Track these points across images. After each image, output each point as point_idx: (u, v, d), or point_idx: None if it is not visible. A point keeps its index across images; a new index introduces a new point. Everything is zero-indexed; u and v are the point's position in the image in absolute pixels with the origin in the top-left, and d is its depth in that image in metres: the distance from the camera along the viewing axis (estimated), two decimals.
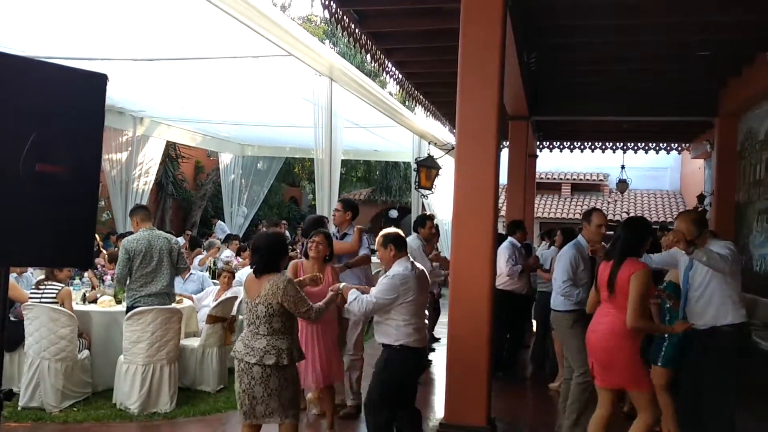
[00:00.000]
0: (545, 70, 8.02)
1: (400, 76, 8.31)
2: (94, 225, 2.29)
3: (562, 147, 13.64)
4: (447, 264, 6.79)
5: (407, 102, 10.35)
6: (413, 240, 6.76)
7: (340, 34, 6.92)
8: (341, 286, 4.28)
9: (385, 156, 16.54)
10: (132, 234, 5.84)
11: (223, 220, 15.62)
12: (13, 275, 6.44)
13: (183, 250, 6.65)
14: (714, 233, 4.82)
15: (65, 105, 2.11)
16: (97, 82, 2.22)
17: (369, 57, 7.16)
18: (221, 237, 13.02)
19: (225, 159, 14.78)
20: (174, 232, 11.05)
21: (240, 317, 6.39)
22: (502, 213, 12.90)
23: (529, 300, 7.47)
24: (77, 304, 6.12)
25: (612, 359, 3.95)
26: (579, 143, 13.51)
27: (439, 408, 5.67)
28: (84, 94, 2.17)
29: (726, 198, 9.75)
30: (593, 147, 13.47)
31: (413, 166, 10.93)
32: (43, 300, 5.57)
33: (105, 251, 8.78)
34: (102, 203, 11.87)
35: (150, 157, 11.39)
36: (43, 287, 5.71)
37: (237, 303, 6.42)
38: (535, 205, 16.47)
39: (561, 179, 23.82)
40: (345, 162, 18.07)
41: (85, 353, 5.72)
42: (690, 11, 6.01)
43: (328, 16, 5.97)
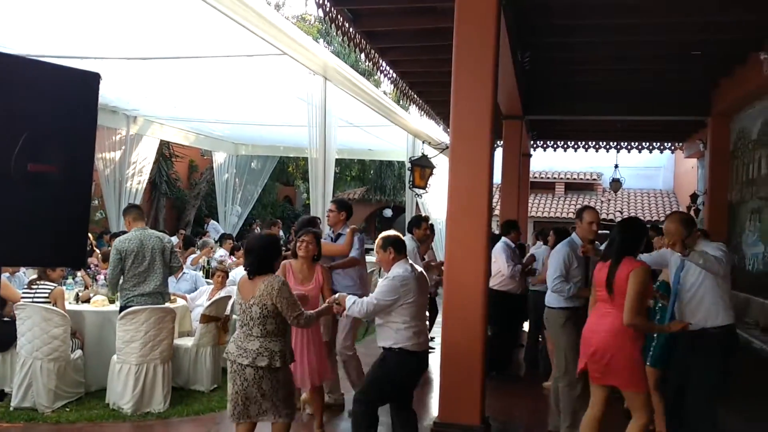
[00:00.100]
0: (539, 69, 8.03)
1: (394, 75, 8.31)
2: (87, 224, 2.28)
3: (555, 146, 13.65)
4: (441, 269, 6.81)
5: (401, 101, 10.35)
6: (408, 241, 6.73)
7: (334, 33, 6.91)
8: (337, 296, 4.29)
9: (380, 155, 16.54)
10: (125, 233, 5.82)
11: (217, 219, 15.58)
12: (6, 275, 6.41)
13: (177, 249, 6.63)
14: (705, 233, 4.85)
15: (57, 104, 2.10)
16: (90, 80, 2.21)
17: (363, 56, 7.16)
18: (215, 236, 12.99)
19: (219, 158, 14.74)
20: (168, 231, 11.02)
21: (234, 317, 6.37)
22: (496, 212, 12.90)
23: (524, 299, 7.49)
24: (70, 303, 6.09)
25: (613, 359, 3.95)
26: (572, 142, 13.53)
27: (434, 407, 5.68)
28: (77, 93, 2.16)
29: (719, 197, 9.80)
30: (587, 146, 13.49)
31: (407, 165, 10.92)
32: (36, 300, 5.55)
33: (98, 250, 8.74)
34: (95, 202, 11.84)
35: (143, 156, 11.36)
36: (36, 287, 5.69)
37: (230, 302, 6.40)
38: (529, 204, 16.50)
39: (555, 178, 23.91)
40: (339, 161, 18.13)
41: (78, 353, 5.70)
42: (684, 11, 6.04)
43: (322, 15, 5.97)
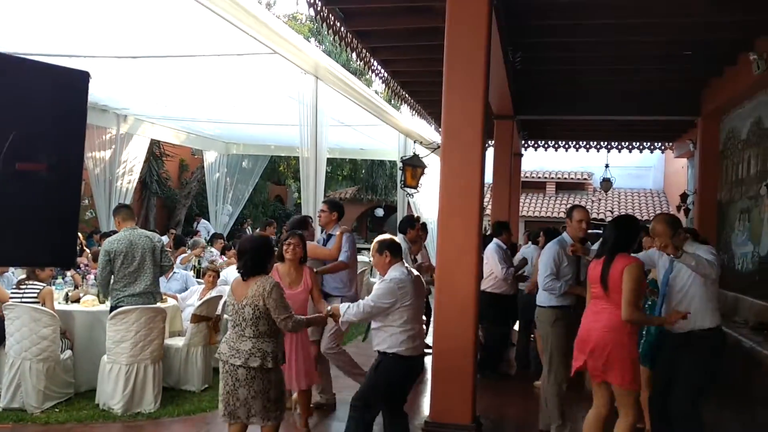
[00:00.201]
0: (530, 69, 8.04)
1: (385, 74, 8.30)
2: (76, 224, 2.27)
3: (546, 146, 13.68)
4: (432, 270, 6.80)
5: (393, 101, 10.35)
6: (399, 242, 6.75)
7: (325, 32, 6.90)
8: (330, 309, 4.30)
9: (371, 154, 16.54)
10: (116, 233, 5.79)
11: (208, 219, 15.53)
12: None
13: (167, 249, 6.60)
14: (696, 233, 4.87)
15: (46, 103, 2.08)
16: (80, 79, 2.19)
17: (354, 55, 7.15)
18: (205, 235, 12.95)
19: (210, 157, 14.68)
20: (158, 230, 10.98)
21: (225, 317, 6.35)
22: (487, 212, 12.92)
23: (516, 299, 7.51)
24: (60, 303, 6.06)
25: (611, 354, 3.95)
26: (563, 142, 13.57)
27: (425, 406, 5.68)
28: (66, 91, 2.14)
29: (708, 197, 9.85)
30: (577, 146, 13.54)
31: (399, 164, 10.92)
32: (25, 300, 5.51)
33: (88, 250, 8.69)
34: (85, 202, 11.77)
35: (134, 156, 11.30)
36: (25, 287, 5.65)
37: (221, 302, 6.38)
38: (520, 204, 16.55)
39: (546, 178, 23.99)
40: (330, 160, 18.12)
41: (68, 353, 5.66)
42: (674, 12, 6.06)
43: (313, 14, 5.96)
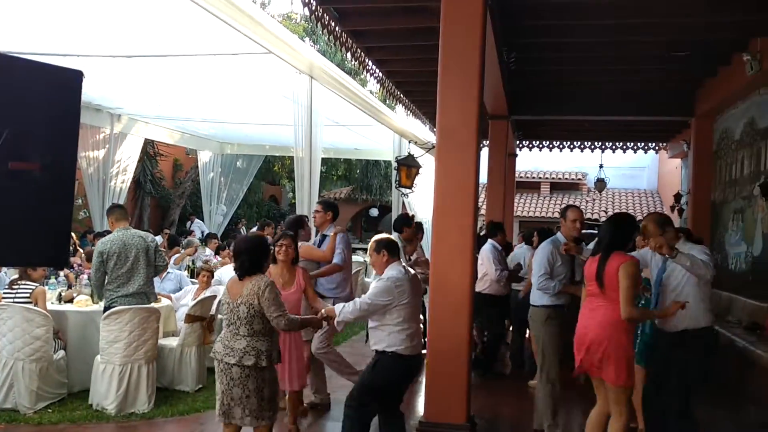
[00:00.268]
0: (525, 69, 8.05)
1: (380, 74, 8.29)
2: (69, 223, 2.26)
3: (541, 146, 13.72)
4: (427, 266, 6.80)
5: (388, 100, 10.34)
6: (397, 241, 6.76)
7: (320, 32, 6.89)
8: (324, 312, 4.27)
9: (366, 154, 16.53)
10: (109, 233, 5.77)
11: (202, 218, 15.49)
12: None
13: (161, 249, 6.57)
14: (689, 233, 4.89)
15: (40, 102, 2.07)
16: (73, 78, 2.19)
17: (349, 55, 7.14)
18: (199, 235, 12.92)
19: (204, 157, 14.65)
20: (152, 230, 10.95)
21: (219, 317, 6.34)
22: (482, 212, 12.95)
23: (509, 300, 7.53)
24: (53, 303, 6.03)
25: (605, 351, 3.94)
26: (558, 143, 13.60)
27: (420, 406, 5.68)
28: (59, 90, 2.14)
29: (702, 197, 9.90)
30: (572, 146, 13.58)
31: (394, 164, 10.92)
32: (17, 300, 5.49)
33: (82, 250, 8.67)
34: (79, 201, 11.73)
35: (128, 155, 11.27)
36: (17, 287, 5.62)
37: (216, 302, 6.37)
38: (515, 204, 16.56)
39: (540, 178, 24.02)
40: (325, 160, 18.09)
41: (61, 353, 5.64)
42: (668, 12, 6.08)
43: (308, 13, 5.94)
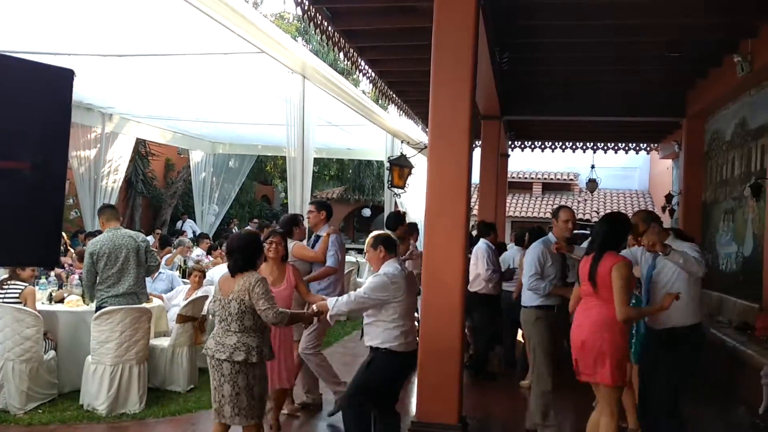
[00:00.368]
0: (517, 70, 8.07)
1: (373, 74, 8.29)
2: (60, 223, 2.25)
3: (533, 147, 13.76)
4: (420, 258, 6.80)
5: (380, 100, 10.34)
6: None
7: (312, 31, 6.88)
8: (316, 307, 4.25)
9: (358, 154, 16.53)
10: (100, 233, 5.74)
11: (194, 218, 15.44)
12: None
13: (153, 249, 6.55)
14: (680, 232, 4.90)
15: (30, 100, 2.06)
16: (64, 77, 2.17)
17: (342, 55, 7.14)
18: (191, 235, 12.88)
19: (196, 157, 14.61)
20: (144, 230, 10.91)
21: (210, 317, 6.32)
22: (474, 212, 12.97)
23: (500, 300, 7.54)
24: (43, 303, 6.00)
25: (600, 350, 3.94)
26: (550, 143, 13.65)
27: (412, 406, 5.68)
28: (50, 89, 2.12)
29: (693, 198, 9.95)
30: (564, 147, 13.63)
31: (386, 164, 10.92)
32: (7, 300, 5.46)
33: (72, 250, 8.62)
34: (70, 201, 11.67)
35: (119, 155, 11.22)
36: (7, 287, 5.59)
37: (207, 302, 6.35)
38: (507, 204, 16.59)
39: (532, 178, 24.07)
40: (318, 160, 18.08)
41: (51, 354, 5.61)
42: (660, 14, 6.11)
43: (300, 13, 5.94)
